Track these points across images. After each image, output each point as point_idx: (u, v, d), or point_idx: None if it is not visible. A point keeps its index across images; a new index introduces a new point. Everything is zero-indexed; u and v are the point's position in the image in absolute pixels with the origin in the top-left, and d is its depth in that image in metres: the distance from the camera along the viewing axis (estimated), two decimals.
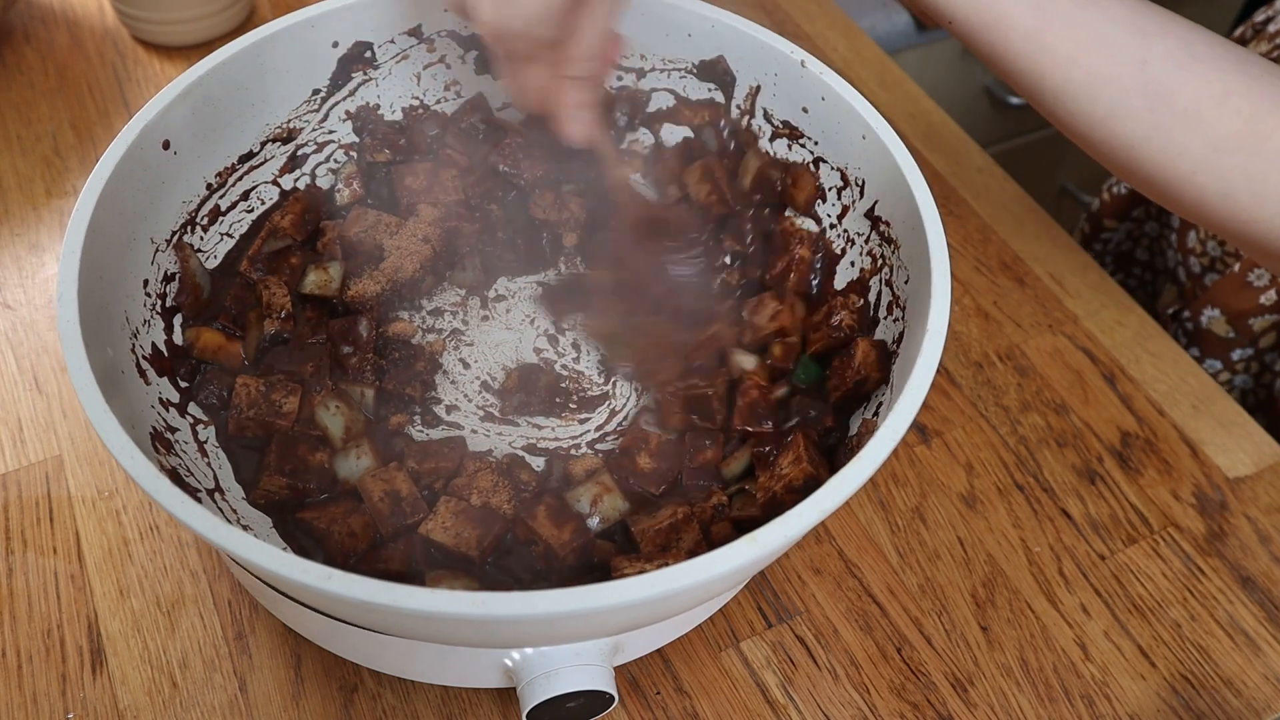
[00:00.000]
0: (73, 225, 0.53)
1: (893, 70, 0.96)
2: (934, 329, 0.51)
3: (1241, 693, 0.62)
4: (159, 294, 0.60)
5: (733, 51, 0.67)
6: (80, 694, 0.57)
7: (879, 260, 0.61)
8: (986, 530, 0.67)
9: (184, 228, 0.63)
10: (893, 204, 0.60)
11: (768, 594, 0.63)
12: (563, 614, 0.41)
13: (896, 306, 0.59)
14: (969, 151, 0.90)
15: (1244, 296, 0.82)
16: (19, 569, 0.62)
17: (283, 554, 0.42)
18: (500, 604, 0.41)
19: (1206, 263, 0.86)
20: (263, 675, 0.58)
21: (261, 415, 0.58)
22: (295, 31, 0.64)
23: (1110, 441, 0.72)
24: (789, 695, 0.60)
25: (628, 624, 0.50)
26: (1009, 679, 0.61)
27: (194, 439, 0.58)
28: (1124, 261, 1.02)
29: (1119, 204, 0.98)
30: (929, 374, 0.49)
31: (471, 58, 0.71)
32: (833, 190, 0.65)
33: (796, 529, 0.44)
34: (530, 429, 0.63)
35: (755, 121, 0.69)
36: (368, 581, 0.41)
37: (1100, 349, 0.77)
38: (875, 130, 0.60)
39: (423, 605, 0.41)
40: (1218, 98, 0.53)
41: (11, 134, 0.84)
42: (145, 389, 0.57)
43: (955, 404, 0.73)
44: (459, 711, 0.58)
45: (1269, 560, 0.67)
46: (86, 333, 0.50)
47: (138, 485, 0.47)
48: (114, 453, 0.45)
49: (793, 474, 0.56)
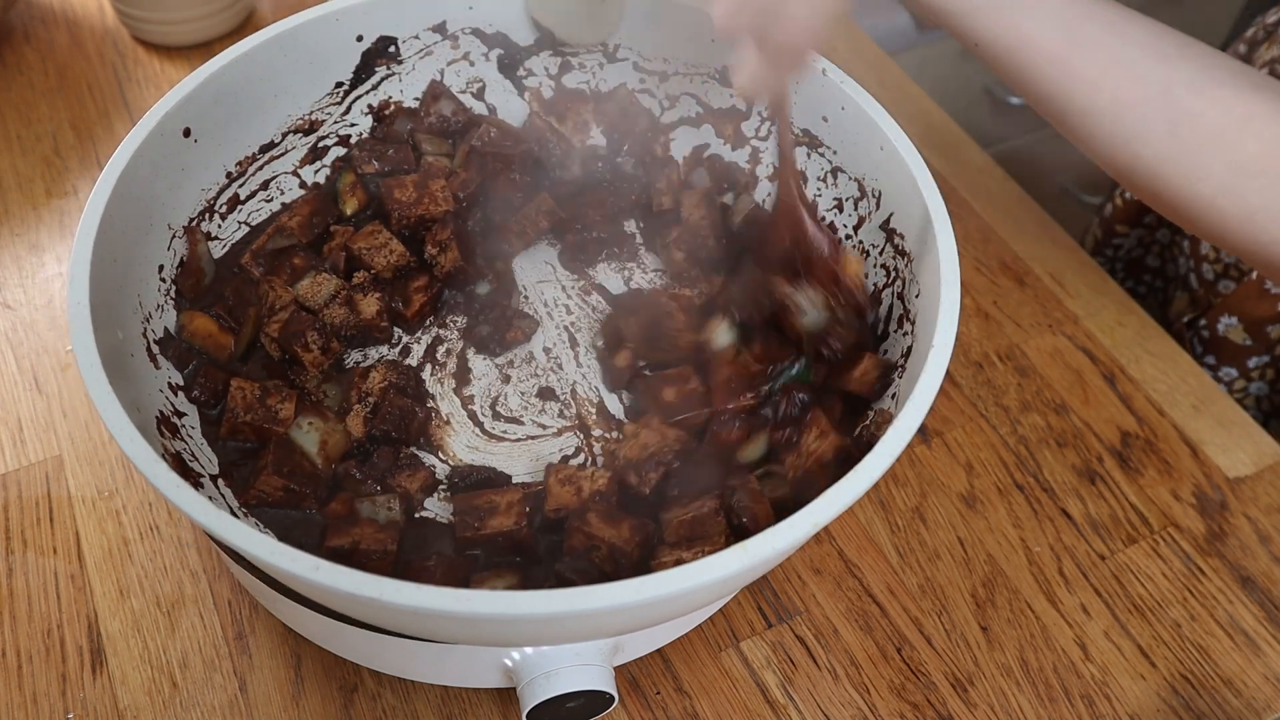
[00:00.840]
0: (89, 208, 0.53)
1: (893, 70, 0.96)
2: (940, 343, 0.51)
3: (1241, 693, 0.62)
4: (174, 279, 0.61)
5: None
6: (80, 694, 0.57)
7: (892, 273, 0.61)
8: (986, 530, 0.67)
9: (202, 215, 0.63)
10: (907, 217, 0.60)
11: (768, 594, 0.63)
12: (542, 615, 0.41)
13: (906, 320, 0.58)
14: (969, 151, 0.90)
15: (1262, 304, 0.81)
16: (19, 569, 0.62)
17: (273, 542, 0.42)
18: (484, 602, 0.41)
19: (1220, 269, 0.86)
20: (263, 675, 0.58)
21: (258, 420, 0.57)
22: (320, 24, 0.65)
23: (1110, 441, 0.72)
24: (789, 695, 0.60)
25: (620, 627, 0.50)
26: (1009, 679, 0.61)
27: (201, 424, 0.58)
28: (1135, 268, 1.01)
29: (1131, 210, 0.97)
30: (933, 389, 0.49)
31: (495, 55, 0.71)
32: (849, 200, 0.65)
33: (788, 541, 0.44)
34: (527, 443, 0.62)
35: (775, 128, 0.69)
36: (354, 573, 0.41)
37: (1100, 349, 0.77)
38: (893, 142, 0.60)
39: (408, 600, 0.41)
40: (1239, 122, 0.53)
41: (11, 134, 0.84)
42: (155, 373, 0.57)
43: (955, 404, 0.73)
44: (459, 711, 0.58)
45: (1269, 560, 0.67)
46: (96, 314, 0.50)
47: (133, 466, 0.47)
48: (111, 431, 0.46)
49: (822, 448, 0.55)
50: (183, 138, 0.60)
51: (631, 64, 0.71)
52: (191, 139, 0.61)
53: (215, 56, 0.61)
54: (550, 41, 0.71)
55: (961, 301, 0.79)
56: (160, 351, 0.58)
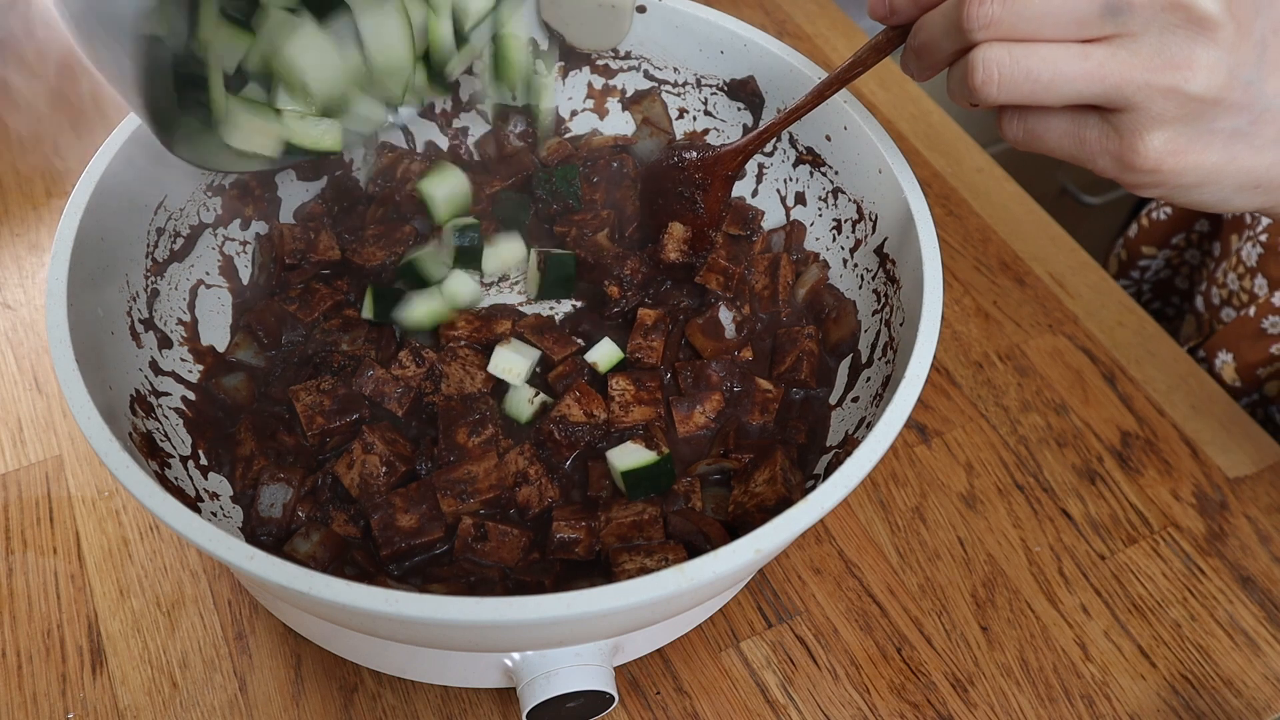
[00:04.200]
0: (81, 184, 0.54)
1: (893, 70, 0.96)
2: (912, 375, 0.50)
3: (1241, 693, 0.62)
4: (165, 260, 0.61)
5: (763, 73, 0.67)
6: (80, 694, 0.57)
7: (882, 298, 0.61)
8: (986, 530, 0.67)
9: (204, 191, 0.63)
10: (899, 242, 0.59)
11: (768, 594, 0.63)
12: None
13: (890, 349, 0.58)
14: (969, 151, 0.90)
15: (1256, 346, 0.80)
16: (19, 569, 0.62)
17: (251, 548, 0.42)
18: (411, 604, 0.41)
19: (1225, 295, 0.85)
20: (263, 675, 0.58)
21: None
22: None
23: (1110, 441, 0.72)
24: (789, 695, 0.60)
25: (620, 627, 0.50)
26: (1009, 679, 0.61)
27: (182, 404, 0.58)
28: (1163, 290, 0.99)
29: (1157, 230, 0.95)
30: (900, 420, 0.48)
31: None
32: (848, 223, 0.65)
33: (728, 566, 0.43)
34: None
35: (780, 145, 0.69)
36: (336, 582, 0.41)
37: (1100, 349, 0.77)
38: (890, 165, 0.60)
39: (375, 606, 0.41)
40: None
41: (12, 134, 0.84)
42: (136, 351, 0.57)
43: (955, 404, 0.73)
44: (459, 711, 0.58)
45: (1269, 560, 0.67)
46: (74, 290, 0.51)
47: (91, 447, 0.49)
48: (71, 407, 0.46)
49: (766, 494, 0.56)
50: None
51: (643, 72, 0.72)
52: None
53: None
54: (562, 46, 0.71)
55: (961, 301, 0.79)
56: (144, 330, 0.58)
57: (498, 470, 0.56)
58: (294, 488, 0.56)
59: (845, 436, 0.59)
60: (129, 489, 0.44)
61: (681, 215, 0.66)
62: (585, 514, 0.56)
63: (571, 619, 0.41)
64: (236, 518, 0.56)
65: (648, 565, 0.54)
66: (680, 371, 0.62)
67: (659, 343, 0.63)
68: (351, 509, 0.56)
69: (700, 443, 0.61)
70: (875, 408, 0.56)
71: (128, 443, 0.49)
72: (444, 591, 0.53)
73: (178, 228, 0.62)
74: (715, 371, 0.62)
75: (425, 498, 0.55)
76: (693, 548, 0.55)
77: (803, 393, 0.63)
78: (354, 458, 0.56)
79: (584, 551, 0.55)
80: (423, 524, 0.55)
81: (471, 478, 0.56)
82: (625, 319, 0.65)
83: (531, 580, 0.54)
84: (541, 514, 0.57)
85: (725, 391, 0.62)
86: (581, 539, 0.55)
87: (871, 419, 0.55)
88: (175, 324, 0.61)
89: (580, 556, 0.55)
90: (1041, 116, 0.48)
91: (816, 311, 0.66)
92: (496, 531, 0.55)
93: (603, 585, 0.42)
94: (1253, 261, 0.83)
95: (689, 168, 0.65)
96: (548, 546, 0.55)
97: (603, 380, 0.61)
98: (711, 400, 0.61)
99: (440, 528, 0.55)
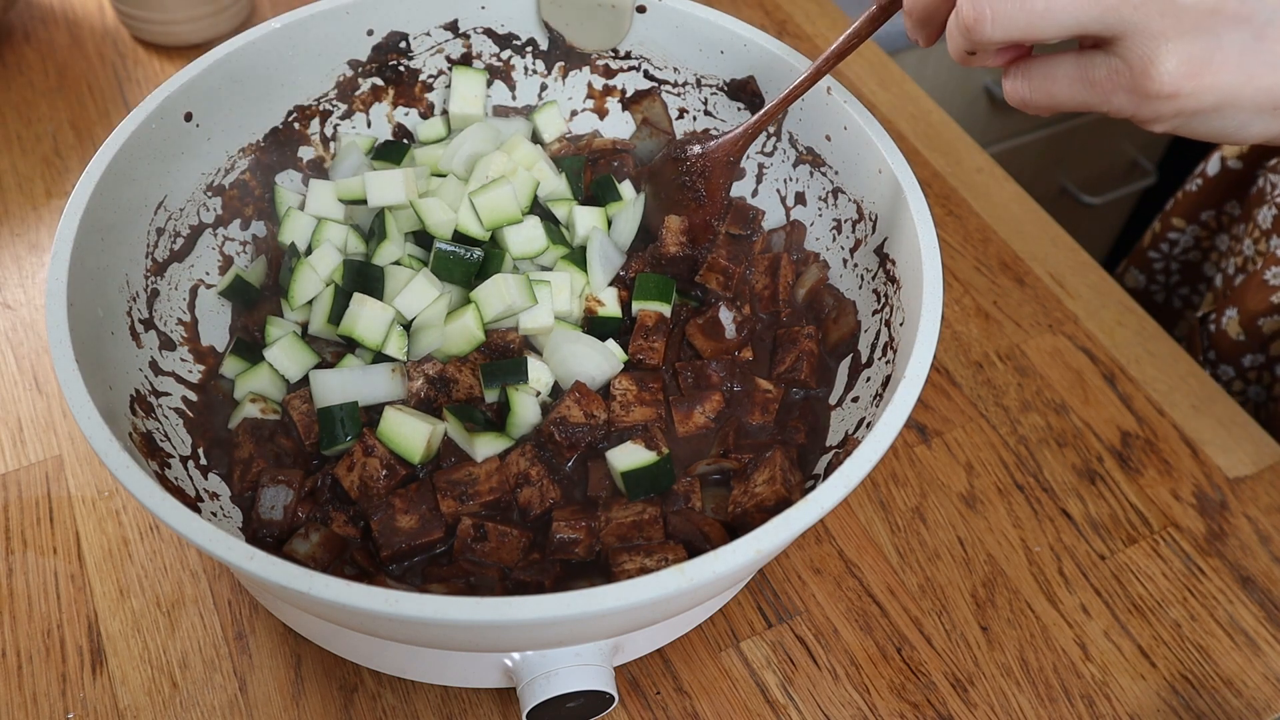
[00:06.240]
0: (81, 183, 0.54)
1: (893, 70, 0.96)
2: (912, 375, 0.50)
3: (1241, 693, 0.62)
4: (165, 260, 0.61)
5: (763, 73, 0.67)
6: (80, 694, 0.57)
7: (882, 298, 0.61)
8: (986, 530, 0.67)
9: (205, 192, 0.64)
10: (899, 242, 0.59)
11: (768, 594, 0.63)
12: (530, 621, 0.41)
13: (890, 349, 0.58)
14: (969, 151, 0.90)
15: (1258, 296, 0.80)
16: (19, 569, 0.62)
17: (251, 549, 0.42)
18: (411, 604, 0.41)
19: (1240, 263, 0.85)
20: (263, 675, 0.58)
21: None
22: (331, 16, 0.65)
23: (1110, 441, 0.72)
24: (789, 695, 0.60)
25: (619, 627, 0.50)
26: (1009, 679, 0.61)
27: (182, 404, 0.58)
28: (1190, 274, 0.98)
29: (1188, 202, 0.94)
30: (899, 421, 0.48)
31: (506, 57, 0.72)
32: (848, 223, 0.65)
33: (728, 566, 0.43)
34: None
35: (780, 145, 0.69)
36: (336, 582, 0.41)
37: (1100, 349, 0.77)
38: (890, 165, 0.60)
39: (363, 604, 0.41)
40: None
41: (11, 134, 0.84)
42: (136, 351, 0.57)
43: (955, 404, 0.73)
44: (459, 711, 0.58)
45: (1269, 560, 0.67)
46: (74, 290, 0.51)
47: (91, 447, 0.48)
48: (71, 406, 0.46)
49: (765, 494, 0.56)
50: (184, 122, 0.60)
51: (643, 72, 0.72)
52: (193, 123, 0.61)
53: (222, 44, 0.62)
54: (562, 46, 0.71)
55: (961, 301, 0.79)
56: (144, 330, 0.58)
57: (499, 472, 0.56)
58: (294, 489, 0.56)
59: (845, 436, 0.59)
60: (129, 489, 0.44)
61: (684, 206, 0.66)
62: (585, 514, 0.56)
63: (571, 619, 0.41)
64: (236, 518, 0.56)
65: (647, 565, 0.54)
66: (680, 371, 0.62)
67: (660, 343, 0.63)
68: (351, 510, 0.56)
69: (700, 443, 0.61)
70: (875, 408, 0.56)
71: (128, 443, 0.49)
72: (443, 591, 0.53)
73: (178, 228, 0.62)
74: (715, 371, 0.62)
75: (425, 498, 0.55)
76: (692, 548, 0.55)
77: (803, 393, 0.63)
78: (354, 460, 0.56)
79: (584, 552, 0.55)
80: (422, 524, 0.55)
81: (473, 479, 0.56)
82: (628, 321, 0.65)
83: (531, 580, 0.54)
84: (542, 515, 0.57)
85: (725, 391, 0.62)
86: (581, 539, 0.55)
87: (871, 419, 0.55)
88: (175, 324, 0.62)
89: (580, 557, 0.55)
90: (1045, 67, 0.47)
91: (816, 311, 0.66)
92: (496, 532, 0.55)
93: (602, 585, 0.42)
94: (1268, 224, 0.83)
95: (691, 157, 0.65)
96: (547, 546, 0.55)
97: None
98: (711, 400, 0.61)
99: (440, 528, 0.55)
